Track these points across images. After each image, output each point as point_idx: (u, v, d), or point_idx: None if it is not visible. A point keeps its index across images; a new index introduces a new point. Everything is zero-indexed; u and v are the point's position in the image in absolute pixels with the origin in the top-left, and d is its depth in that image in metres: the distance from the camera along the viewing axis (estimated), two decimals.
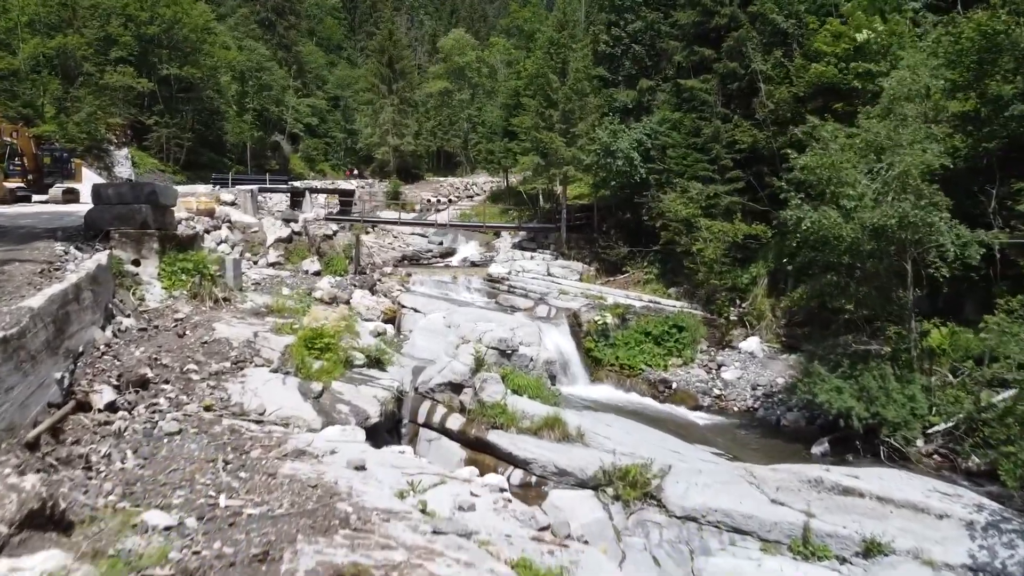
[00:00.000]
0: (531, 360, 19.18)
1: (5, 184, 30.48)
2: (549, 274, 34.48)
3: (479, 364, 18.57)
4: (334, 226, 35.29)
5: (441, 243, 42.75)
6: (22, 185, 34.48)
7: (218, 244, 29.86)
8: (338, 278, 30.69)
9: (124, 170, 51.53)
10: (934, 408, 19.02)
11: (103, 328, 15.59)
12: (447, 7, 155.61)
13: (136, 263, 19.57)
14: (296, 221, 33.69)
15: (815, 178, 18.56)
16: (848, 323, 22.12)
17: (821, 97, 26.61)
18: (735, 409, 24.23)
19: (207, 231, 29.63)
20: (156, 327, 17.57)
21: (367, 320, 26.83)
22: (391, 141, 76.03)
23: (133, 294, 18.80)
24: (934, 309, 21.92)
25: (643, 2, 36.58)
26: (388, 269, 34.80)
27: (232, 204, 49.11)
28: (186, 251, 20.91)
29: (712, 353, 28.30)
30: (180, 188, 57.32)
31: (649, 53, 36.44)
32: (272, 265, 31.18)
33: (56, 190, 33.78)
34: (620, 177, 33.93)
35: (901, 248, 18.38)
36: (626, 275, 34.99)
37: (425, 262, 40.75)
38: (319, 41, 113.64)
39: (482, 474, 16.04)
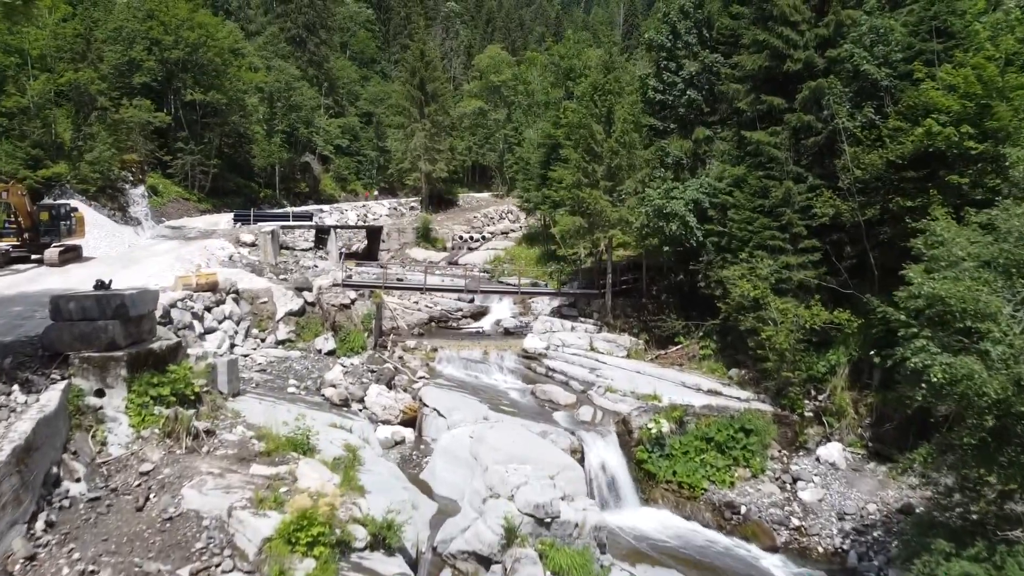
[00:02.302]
0: (576, 527, 15.38)
1: None
2: (592, 349, 30.54)
3: (511, 536, 14.83)
4: (352, 293, 31.80)
5: (472, 300, 39.18)
6: (17, 244, 31.72)
7: (220, 322, 26.56)
8: (354, 360, 27.22)
9: (140, 209, 49.01)
10: None
11: (32, 520, 12.23)
12: (483, 16, 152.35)
13: (100, 393, 16.23)
14: (310, 290, 30.22)
15: (943, 309, 14.43)
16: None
17: (925, 164, 22.34)
18: (820, 550, 20.11)
19: (208, 308, 26.33)
20: (114, 491, 14.22)
21: (384, 422, 23.36)
22: (423, 167, 72.65)
23: (93, 437, 15.46)
24: None
25: (699, 42, 32.38)
26: (412, 343, 31.10)
27: (252, 245, 46.32)
28: (164, 368, 17.50)
29: (785, 460, 24.20)
30: (200, 221, 55.06)
31: (706, 98, 32.29)
32: (281, 343, 27.79)
33: (52, 251, 30.90)
34: (674, 242, 29.91)
35: None
36: (679, 348, 30.93)
37: (454, 324, 37.12)
38: (352, 55, 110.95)
39: None
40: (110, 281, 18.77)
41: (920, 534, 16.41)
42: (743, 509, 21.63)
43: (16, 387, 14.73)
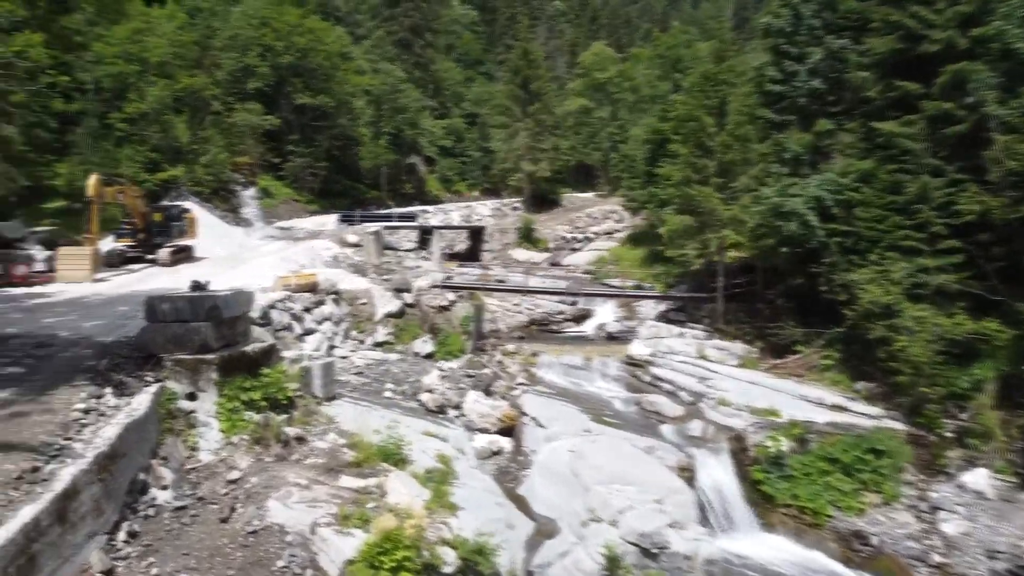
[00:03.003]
0: (686, 559, 13.88)
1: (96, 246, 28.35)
2: (702, 357, 28.60)
3: (613, 567, 13.50)
4: (451, 295, 31.08)
5: (574, 303, 37.77)
6: (132, 244, 32.74)
7: (319, 323, 26.35)
8: (452, 364, 26.43)
9: (251, 210, 50.36)
10: None
11: (114, 530, 11.81)
12: (588, 14, 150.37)
13: (192, 397, 15.91)
14: (409, 291, 29.71)
15: None
16: None
17: None
18: None
19: (307, 309, 26.16)
20: (200, 499, 13.75)
21: (481, 430, 22.38)
22: (525, 167, 71.78)
23: (184, 441, 15.12)
24: None
25: (823, 26, 29.79)
26: (511, 347, 30.14)
27: (356, 246, 46.66)
28: (257, 372, 17.09)
29: (922, 486, 21.70)
30: (308, 222, 56.11)
31: (831, 87, 29.67)
32: (380, 345, 27.35)
33: (164, 251, 31.71)
34: (792, 243, 27.65)
35: None
36: (797, 357, 28.57)
37: (555, 328, 35.88)
38: (457, 57, 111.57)
39: None
40: (207, 282, 18.58)
41: None
42: (874, 540, 19.42)
43: (109, 390, 14.52)
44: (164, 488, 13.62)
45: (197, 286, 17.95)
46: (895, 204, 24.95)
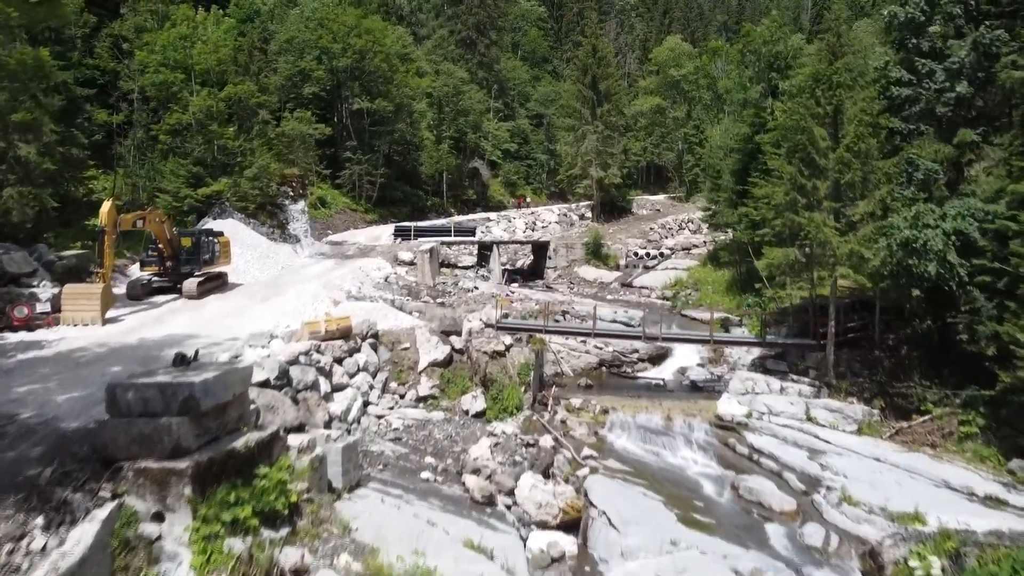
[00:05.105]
0: None
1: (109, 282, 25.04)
2: (809, 419, 23.59)
3: None
4: (507, 338, 26.80)
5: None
6: (159, 273, 29.69)
7: (352, 376, 22.54)
8: (506, 427, 22.21)
9: (300, 225, 47.21)
10: None
11: None
12: (659, 7, 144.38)
13: (159, 517, 12.15)
14: (458, 334, 25.63)
15: None
16: None
17: None
18: None
19: (339, 360, 22.37)
20: None
21: (539, 524, 18.08)
22: (594, 174, 66.95)
23: None
24: None
25: (965, 14, 24.11)
26: (576, 400, 25.64)
27: (411, 264, 43.23)
28: (252, 473, 13.25)
29: None
30: (362, 235, 52.85)
31: (977, 89, 24.12)
32: (422, 400, 23.38)
33: (191, 283, 28.43)
34: (924, 283, 22.47)
35: None
36: (927, 420, 23.32)
37: (628, 370, 31.14)
38: (523, 55, 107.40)
39: None
40: (196, 353, 14.90)
41: None
42: None
43: (39, 520, 10.91)
44: None
45: (181, 359, 14.24)
46: None
